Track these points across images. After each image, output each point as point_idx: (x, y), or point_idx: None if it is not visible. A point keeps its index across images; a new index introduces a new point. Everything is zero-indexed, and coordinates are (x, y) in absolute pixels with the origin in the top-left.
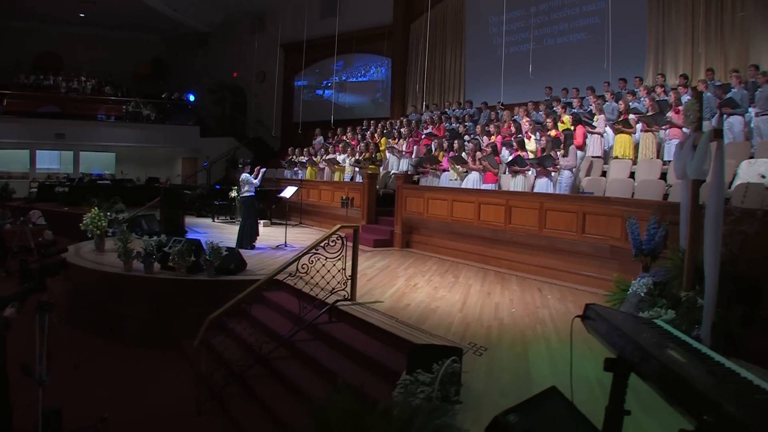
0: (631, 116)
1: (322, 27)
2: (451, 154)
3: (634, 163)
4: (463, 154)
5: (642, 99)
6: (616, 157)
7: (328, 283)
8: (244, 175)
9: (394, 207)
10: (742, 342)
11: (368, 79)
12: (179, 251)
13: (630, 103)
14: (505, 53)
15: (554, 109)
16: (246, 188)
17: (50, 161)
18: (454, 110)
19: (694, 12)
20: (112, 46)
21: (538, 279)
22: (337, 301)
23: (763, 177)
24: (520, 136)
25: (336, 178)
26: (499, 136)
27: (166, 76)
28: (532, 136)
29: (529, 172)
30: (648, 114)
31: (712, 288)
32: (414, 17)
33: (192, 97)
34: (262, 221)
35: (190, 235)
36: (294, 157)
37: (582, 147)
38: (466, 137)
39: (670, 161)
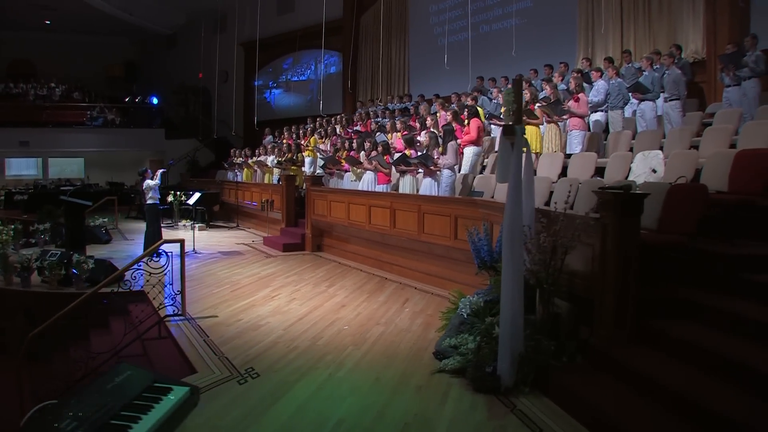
0: (538, 105)
1: (280, 24)
2: (352, 153)
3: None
4: (362, 154)
5: (558, 85)
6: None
7: (158, 295)
8: (147, 182)
9: (305, 209)
10: (557, 378)
11: (306, 78)
12: (49, 265)
13: (540, 93)
14: (445, 43)
15: (465, 102)
16: (149, 195)
17: (27, 168)
18: (395, 104)
19: None
20: (84, 51)
21: (420, 287)
22: (167, 315)
23: (654, 171)
24: (407, 134)
25: (266, 180)
26: (406, 132)
27: (139, 78)
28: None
29: (419, 172)
30: (549, 102)
31: (509, 312)
32: (363, 10)
33: (156, 100)
34: (197, 225)
35: (120, 242)
36: (235, 158)
37: (478, 142)
38: (379, 134)
39: (571, 155)
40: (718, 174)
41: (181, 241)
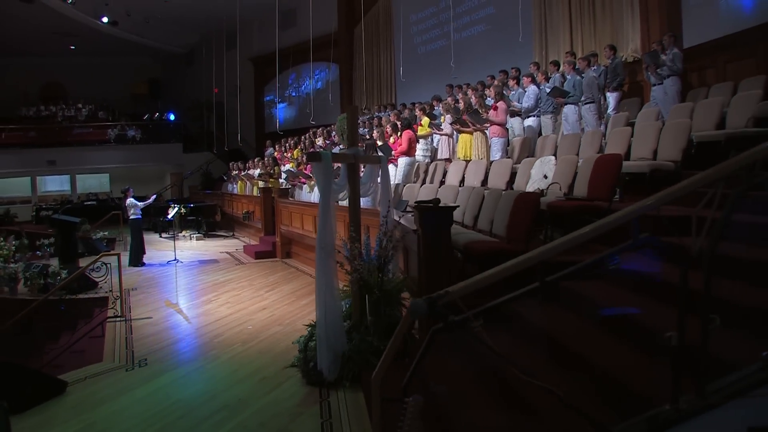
0: (468, 114)
1: (284, 39)
2: (308, 167)
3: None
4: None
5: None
6: (459, 159)
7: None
8: (130, 200)
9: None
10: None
11: (306, 91)
12: (30, 275)
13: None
14: (423, 51)
15: (414, 111)
16: (132, 211)
17: (61, 184)
18: (380, 113)
19: None
20: (110, 71)
21: None
22: (109, 317)
23: (545, 177)
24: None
25: (254, 192)
26: (361, 144)
27: (162, 95)
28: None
29: None
30: (470, 111)
31: (323, 316)
32: (355, 22)
33: (173, 116)
34: (195, 234)
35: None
36: (232, 171)
37: (410, 153)
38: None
39: (493, 161)
40: (585, 180)
41: (118, 254)
